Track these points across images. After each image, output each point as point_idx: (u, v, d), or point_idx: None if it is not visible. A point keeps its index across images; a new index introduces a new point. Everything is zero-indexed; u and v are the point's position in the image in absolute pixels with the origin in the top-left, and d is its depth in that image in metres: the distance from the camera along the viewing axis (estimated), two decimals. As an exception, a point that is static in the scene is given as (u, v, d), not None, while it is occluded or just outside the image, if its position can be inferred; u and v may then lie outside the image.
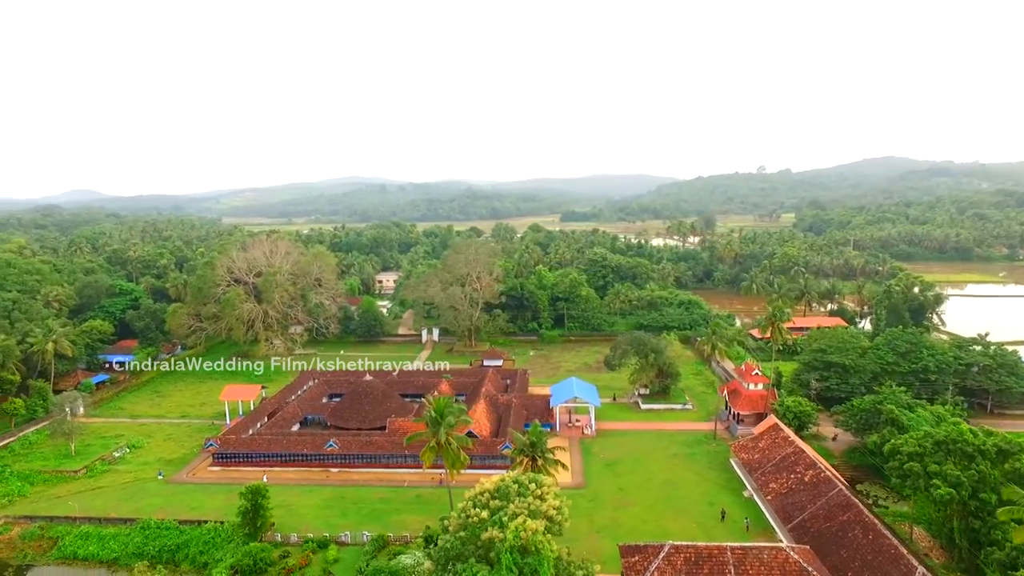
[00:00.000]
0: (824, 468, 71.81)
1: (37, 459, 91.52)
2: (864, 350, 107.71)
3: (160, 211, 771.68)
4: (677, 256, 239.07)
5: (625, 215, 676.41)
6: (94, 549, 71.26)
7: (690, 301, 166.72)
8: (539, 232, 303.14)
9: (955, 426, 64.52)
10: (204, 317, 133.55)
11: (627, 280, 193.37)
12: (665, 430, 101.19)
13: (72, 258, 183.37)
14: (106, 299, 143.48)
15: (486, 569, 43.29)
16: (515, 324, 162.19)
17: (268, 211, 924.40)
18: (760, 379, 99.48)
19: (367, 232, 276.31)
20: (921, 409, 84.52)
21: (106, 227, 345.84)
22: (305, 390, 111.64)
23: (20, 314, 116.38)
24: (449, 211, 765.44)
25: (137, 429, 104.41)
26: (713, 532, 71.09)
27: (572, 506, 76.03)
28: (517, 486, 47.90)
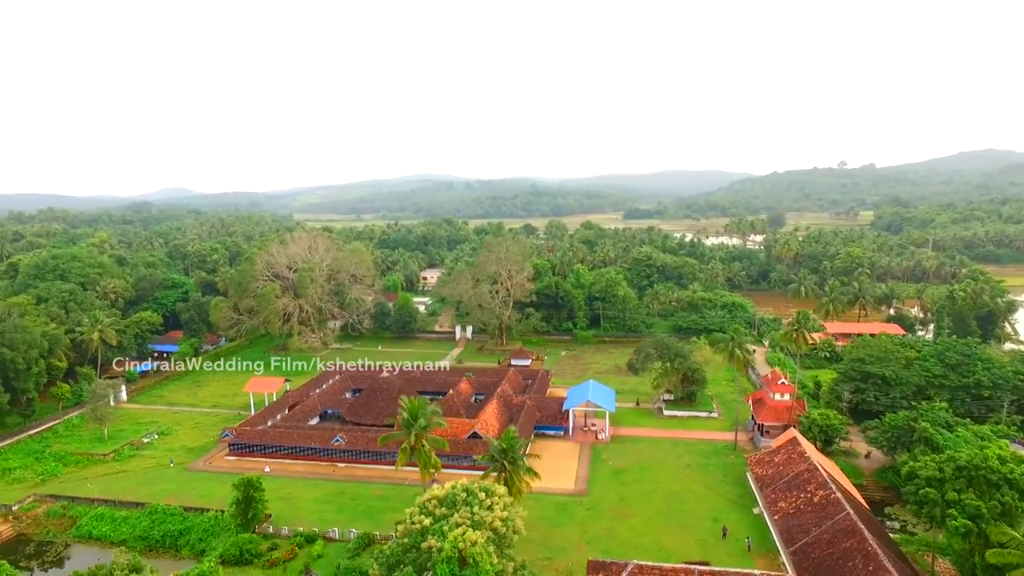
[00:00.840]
0: (836, 489, 66.33)
1: (74, 441, 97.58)
2: (910, 361, 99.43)
3: (238, 207, 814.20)
4: (731, 256, 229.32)
5: (691, 212, 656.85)
6: (107, 530, 75.04)
7: (734, 303, 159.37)
8: (590, 229, 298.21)
9: (981, 450, 58.03)
10: (244, 310, 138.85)
11: (672, 280, 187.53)
12: (684, 438, 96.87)
13: (138, 252, 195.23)
14: (159, 292, 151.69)
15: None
16: (550, 323, 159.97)
17: (339, 208, 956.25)
18: (786, 388, 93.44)
19: (418, 229, 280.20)
20: (962, 429, 77.00)
21: (183, 223, 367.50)
22: (329, 385, 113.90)
23: (75, 305, 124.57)
24: (512, 208, 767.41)
25: (170, 416, 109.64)
26: (711, 550, 67.24)
27: (568, 514, 75.81)
28: (466, 495, 46.45)
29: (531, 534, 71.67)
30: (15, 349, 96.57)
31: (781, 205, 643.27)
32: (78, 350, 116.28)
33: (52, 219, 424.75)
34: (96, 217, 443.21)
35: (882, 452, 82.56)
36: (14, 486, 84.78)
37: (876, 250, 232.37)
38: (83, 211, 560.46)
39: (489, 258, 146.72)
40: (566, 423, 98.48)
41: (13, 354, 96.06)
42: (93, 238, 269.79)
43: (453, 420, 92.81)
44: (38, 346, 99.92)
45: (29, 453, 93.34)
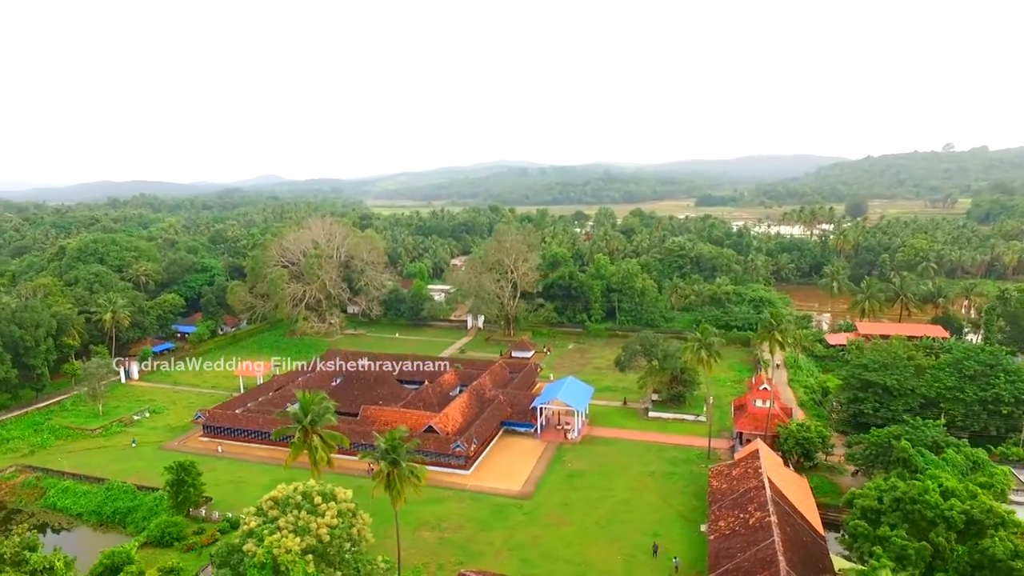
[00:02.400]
0: (775, 511, 59.61)
1: (72, 416, 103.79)
2: (921, 369, 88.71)
3: (319, 193, 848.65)
4: (781, 247, 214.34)
5: (768, 199, 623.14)
6: (69, 503, 79.04)
7: (761, 299, 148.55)
8: (637, 217, 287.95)
9: (921, 481, 50.14)
10: (258, 295, 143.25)
11: (706, 272, 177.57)
12: (661, 443, 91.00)
13: (180, 236, 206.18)
14: (188, 275, 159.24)
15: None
16: (563, 315, 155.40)
17: (414, 194, 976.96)
18: (767, 395, 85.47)
19: (460, 215, 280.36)
20: (952, 451, 67.44)
21: (250, 209, 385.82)
22: (317, 371, 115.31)
23: (100, 286, 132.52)
24: (581, 195, 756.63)
25: (169, 395, 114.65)
26: (636, 568, 62.54)
27: (502, 517, 72.65)
28: (300, 498, 44.60)
29: (456, 536, 69.59)
30: (24, 328, 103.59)
31: (869, 191, 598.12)
32: (95, 329, 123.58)
33: (143, 204, 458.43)
34: (180, 203, 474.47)
35: (860, 471, 73.96)
36: (6, 455, 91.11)
37: (950, 242, 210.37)
38: (175, 196, 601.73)
39: (492, 247, 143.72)
40: (539, 419, 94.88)
41: (22, 332, 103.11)
42: (163, 223, 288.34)
43: (413, 413, 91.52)
44: (46, 325, 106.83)
45: (31, 425, 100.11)
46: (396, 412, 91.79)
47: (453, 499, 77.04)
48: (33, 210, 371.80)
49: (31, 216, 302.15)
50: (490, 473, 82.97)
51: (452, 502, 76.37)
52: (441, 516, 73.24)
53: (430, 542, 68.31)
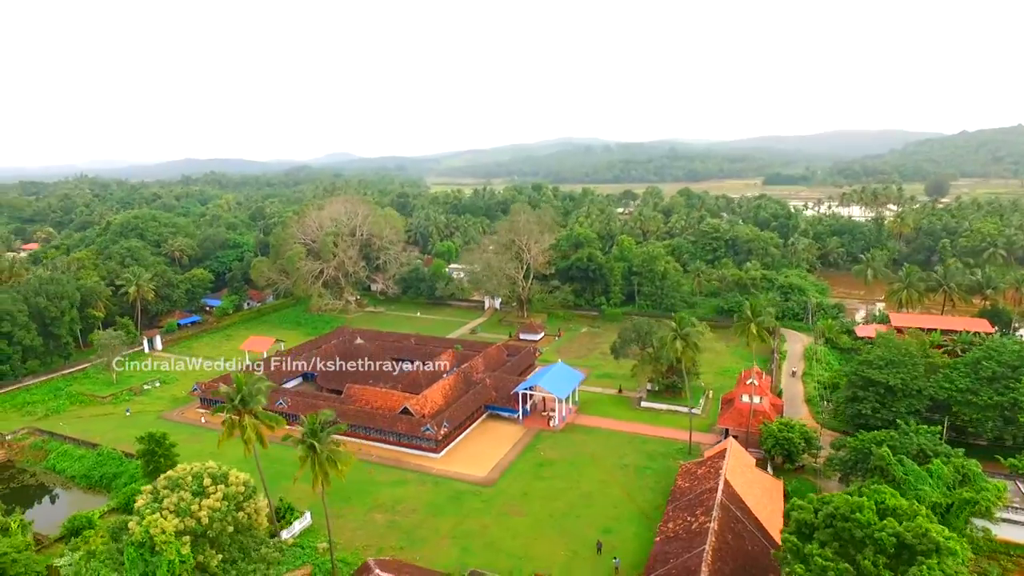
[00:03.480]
0: (717, 517, 55.78)
1: (89, 383, 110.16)
2: (933, 368, 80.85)
3: (385, 170, 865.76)
4: (831, 229, 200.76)
5: (842, 178, 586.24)
6: (65, 465, 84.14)
7: (791, 285, 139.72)
8: (684, 196, 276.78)
9: (855, 497, 45.31)
10: (279, 271, 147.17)
11: (742, 255, 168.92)
12: (645, 434, 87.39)
13: (224, 214, 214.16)
14: (220, 251, 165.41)
15: (112, 562, 42.03)
16: (581, 297, 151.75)
17: (476, 171, 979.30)
18: (753, 390, 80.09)
19: (501, 193, 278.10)
20: (939, 461, 61.03)
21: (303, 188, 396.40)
22: (320, 348, 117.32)
23: (132, 260, 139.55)
24: (643, 173, 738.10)
25: (185, 367, 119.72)
26: (576, 565, 60.37)
27: (457, 504, 71.75)
28: (191, 479, 44.94)
29: (406, 520, 69.25)
30: (49, 299, 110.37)
31: (958, 170, 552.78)
32: (123, 301, 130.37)
33: (212, 182, 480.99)
34: (246, 181, 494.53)
35: (837, 478, 68.35)
36: (24, 417, 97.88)
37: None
38: (246, 174, 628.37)
39: (504, 228, 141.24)
40: (524, 404, 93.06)
41: (48, 303, 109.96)
42: (220, 200, 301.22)
43: (392, 393, 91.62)
44: (70, 297, 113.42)
45: (52, 390, 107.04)
46: (377, 392, 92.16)
47: (415, 482, 76.75)
48: (115, 187, 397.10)
49: (102, 193, 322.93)
50: (460, 458, 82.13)
51: (414, 485, 76.08)
52: (399, 499, 73.07)
53: (379, 524, 68.24)
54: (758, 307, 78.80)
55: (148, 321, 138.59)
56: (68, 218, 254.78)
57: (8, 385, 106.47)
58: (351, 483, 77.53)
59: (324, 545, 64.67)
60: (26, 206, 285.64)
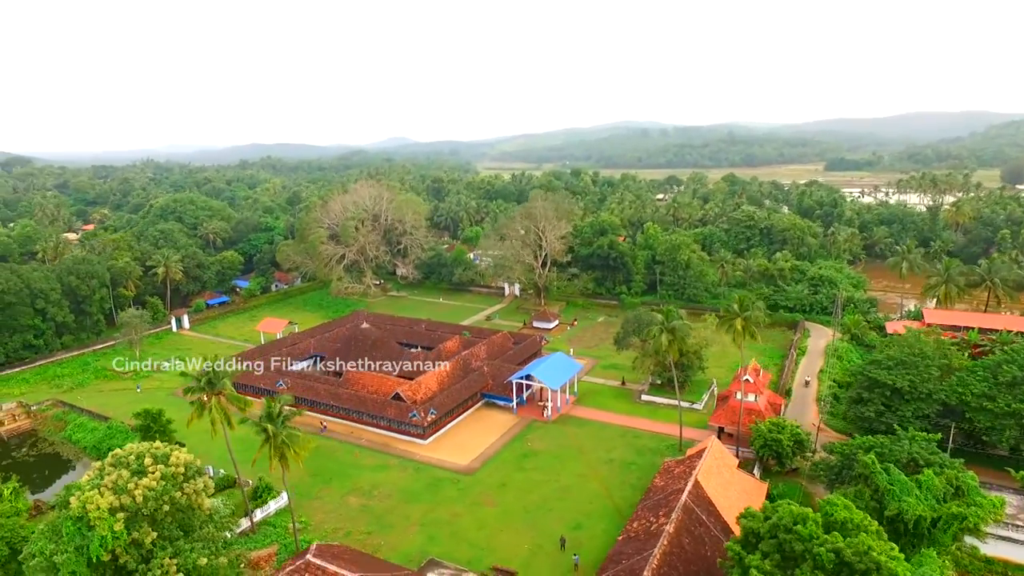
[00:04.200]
0: (676, 519, 53.56)
1: (113, 359, 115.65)
2: (948, 370, 75.19)
3: (438, 155, 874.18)
4: (879, 218, 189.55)
5: (914, 163, 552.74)
6: (79, 436, 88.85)
7: (822, 277, 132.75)
8: (728, 182, 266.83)
9: (799, 508, 42.43)
10: (304, 254, 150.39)
11: (776, 245, 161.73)
12: (638, 429, 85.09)
13: (262, 197, 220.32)
14: (253, 234, 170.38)
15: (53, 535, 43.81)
16: (602, 286, 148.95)
17: (528, 156, 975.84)
18: (750, 387, 76.48)
19: (539, 179, 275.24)
20: (931, 472, 56.63)
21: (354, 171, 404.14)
22: (332, 331, 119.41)
23: (165, 242, 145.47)
24: (698, 157, 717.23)
25: (207, 346, 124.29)
26: (535, 560, 59.43)
27: (433, 491, 71.87)
28: (133, 457, 46.20)
29: (379, 505, 69.75)
30: (81, 278, 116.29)
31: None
32: (157, 281, 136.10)
33: (267, 166, 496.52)
34: (300, 165, 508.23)
35: (823, 485, 64.54)
36: (52, 389, 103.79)
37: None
38: (302, 158, 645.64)
39: (520, 214, 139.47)
40: (521, 394, 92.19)
41: (79, 282, 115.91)
42: (268, 184, 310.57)
43: (387, 378, 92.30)
44: (100, 276, 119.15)
45: (81, 365, 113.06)
46: (373, 376, 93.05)
47: (397, 467, 77.20)
48: (176, 170, 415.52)
49: (159, 176, 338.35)
50: (447, 445, 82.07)
51: (395, 470, 76.56)
52: (377, 483, 73.66)
53: (353, 508, 69.00)
54: (746, 302, 74.76)
55: (180, 301, 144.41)
56: (125, 200, 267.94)
57: (43, 359, 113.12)
58: (336, 465, 79.24)
59: (296, 525, 66.09)
60: (90, 188, 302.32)
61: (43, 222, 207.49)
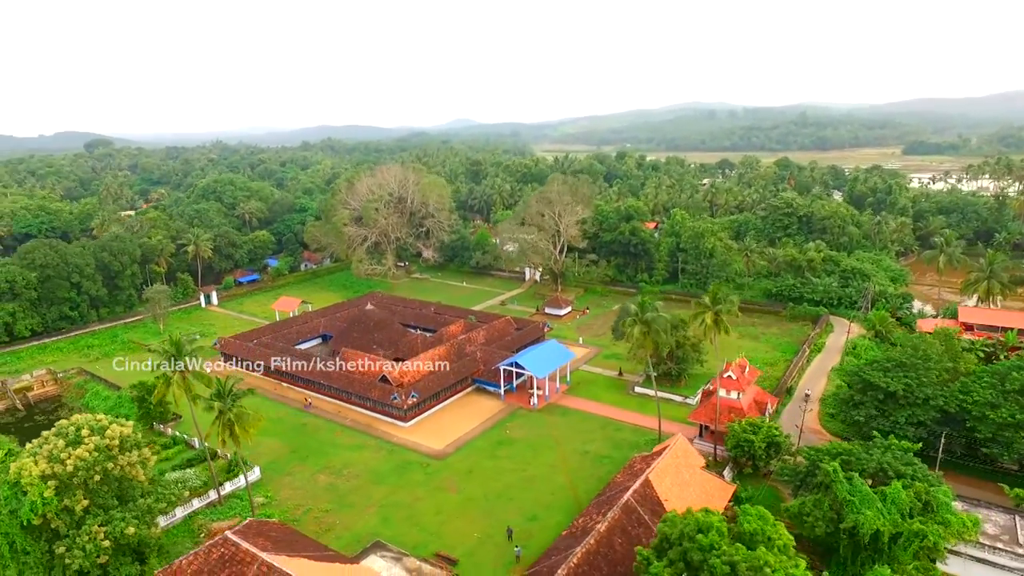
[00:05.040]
0: (613, 518, 51.88)
1: (141, 332, 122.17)
2: (953, 375, 69.32)
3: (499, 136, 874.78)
4: (938, 207, 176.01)
5: (1005, 147, 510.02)
6: (95, 403, 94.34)
7: (854, 270, 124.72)
8: (782, 166, 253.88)
9: (703, 515, 40.19)
10: (330, 235, 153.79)
11: (816, 234, 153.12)
12: (623, 421, 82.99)
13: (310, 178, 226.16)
14: (287, 214, 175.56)
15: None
16: (623, 273, 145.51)
17: (590, 138, 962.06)
18: (731, 384, 72.86)
19: (581, 161, 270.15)
20: (899, 484, 52.54)
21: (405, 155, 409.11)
22: (344, 311, 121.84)
23: (200, 222, 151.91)
24: (764, 140, 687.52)
25: (230, 322, 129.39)
26: (482, 549, 59.01)
27: (400, 474, 72.81)
28: (75, 429, 48.55)
29: (345, 484, 70.96)
30: (113, 254, 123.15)
31: None
32: (184, 259, 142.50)
33: (326, 148, 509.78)
34: (356, 147, 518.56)
35: (788, 491, 60.91)
36: (81, 359, 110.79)
37: None
38: (361, 139, 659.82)
39: (535, 199, 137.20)
40: (511, 381, 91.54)
41: (111, 258, 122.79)
42: (320, 164, 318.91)
43: (377, 360, 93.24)
44: (131, 253, 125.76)
45: (111, 337, 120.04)
46: (365, 357, 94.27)
47: (373, 448, 78.27)
48: (241, 152, 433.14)
49: (214, 157, 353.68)
50: (427, 429, 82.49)
51: (370, 451, 77.64)
52: (349, 463, 74.93)
53: (320, 486, 70.49)
54: (719, 295, 70.82)
55: (213, 278, 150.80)
56: (186, 180, 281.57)
57: (77, 329, 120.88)
58: (315, 443, 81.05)
59: (262, 500, 68.24)
60: (155, 169, 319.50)
61: (107, 201, 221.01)
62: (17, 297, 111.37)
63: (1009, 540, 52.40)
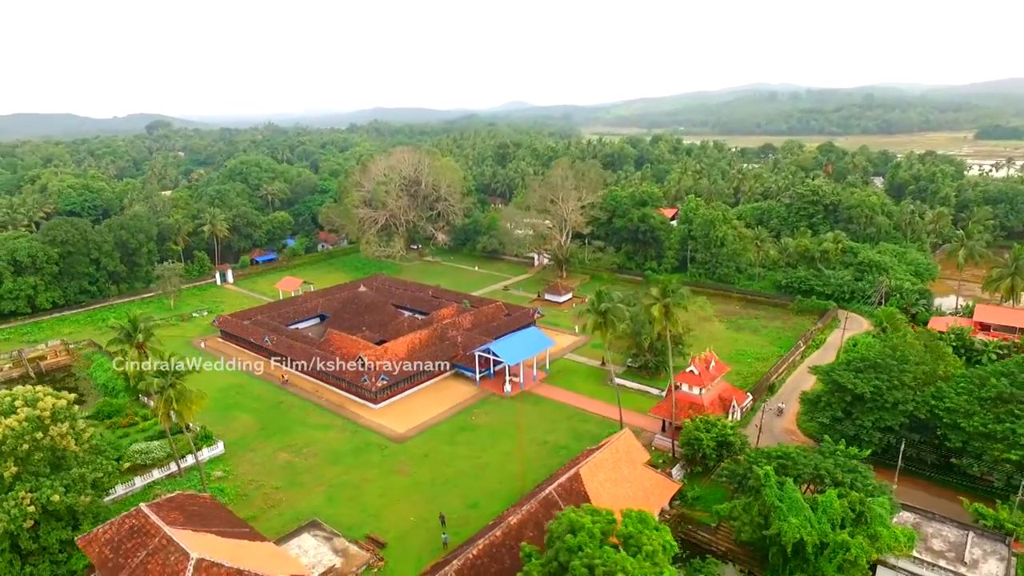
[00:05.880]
0: (525, 511, 51.06)
1: (154, 307, 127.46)
2: (931, 379, 64.83)
3: (549, 119, 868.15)
4: (984, 197, 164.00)
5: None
6: (98, 374, 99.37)
7: (871, 263, 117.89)
8: (825, 151, 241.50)
9: (576, 514, 38.88)
10: (342, 217, 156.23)
11: (842, 223, 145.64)
12: (591, 412, 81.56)
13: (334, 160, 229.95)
14: (308, 196, 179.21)
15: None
16: (633, 260, 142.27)
17: (641, 121, 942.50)
18: (692, 379, 70.22)
19: (615, 144, 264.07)
20: (838, 492, 49.72)
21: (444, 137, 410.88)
22: (343, 292, 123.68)
23: (220, 202, 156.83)
24: (825, 124, 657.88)
25: (240, 299, 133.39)
26: (414, 533, 59.35)
27: (356, 455, 73.82)
28: (10, 399, 51.03)
29: (302, 463, 72.45)
30: (131, 233, 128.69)
31: None
32: (201, 238, 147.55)
33: (372, 130, 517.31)
34: (400, 129, 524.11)
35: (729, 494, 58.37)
36: (94, 331, 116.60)
37: None
38: (406, 121, 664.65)
39: (537, 184, 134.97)
40: (489, 367, 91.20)
41: (128, 236, 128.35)
42: (359, 146, 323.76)
43: (358, 341, 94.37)
44: (147, 231, 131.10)
45: (126, 310, 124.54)
46: (348, 339, 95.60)
47: (338, 428, 79.52)
48: (289, 134, 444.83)
49: (258, 139, 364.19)
50: (395, 412, 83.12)
51: (334, 431, 78.92)
52: (311, 442, 76.39)
53: (277, 463, 72.20)
54: (669, 286, 67.77)
55: (232, 257, 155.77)
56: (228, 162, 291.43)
57: (96, 303, 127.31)
58: (285, 421, 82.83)
59: (220, 473, 70.49)
60: (203, 149, 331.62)
61: (151, 180, 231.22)
62: (39, 271, 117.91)
63: (954, 558, 48.82)
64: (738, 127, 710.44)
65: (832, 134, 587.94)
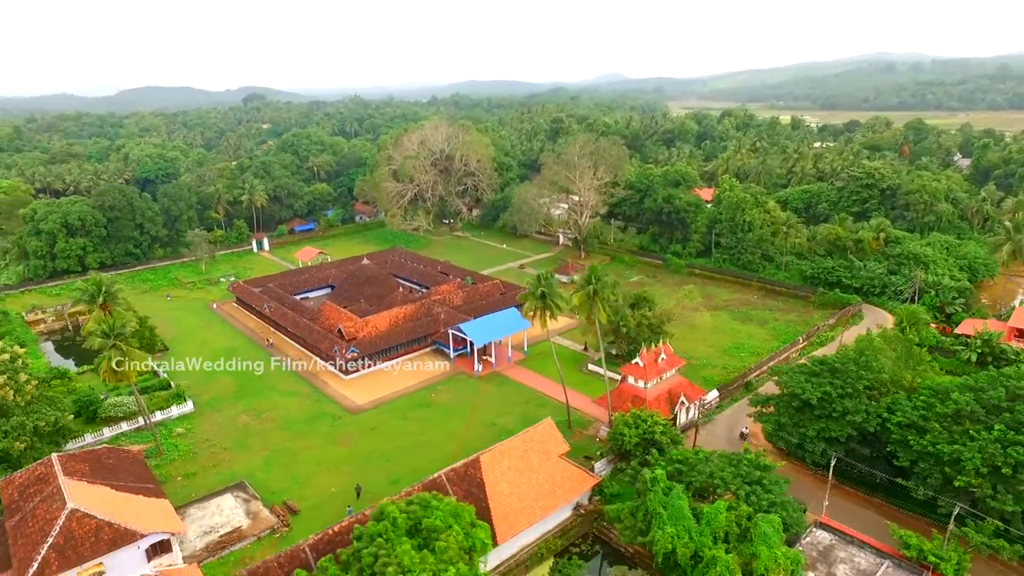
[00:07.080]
0: (405, 494, 50.71)
1: (189, 271, 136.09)
2: (889, 388, 58.22)
3: (641, 92, 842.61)
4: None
5: None
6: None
7: (909, 255, 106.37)
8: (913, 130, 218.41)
9: (390, 506, 38.02)
10: (373, 190, 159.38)
11: (899, 209, 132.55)
12: (553, 398, 79.50)
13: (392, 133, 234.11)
14: (353, 168, 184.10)
15: None
16: (657, 243, 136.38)
17: (740, 94, 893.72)
18: (636, 372, 66.61)
19: (673, 120, 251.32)
20: (722, 504, 46.11)
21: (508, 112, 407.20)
22: (356, 263, 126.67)
23: (264, 173, 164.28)
24: (944, 98, 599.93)
25: (268, 266, 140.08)
26: (329, 503, 60.96)
27: (308, 423, 76.50)
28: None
29: (258, 427, 75.49)
30: (172, 200, 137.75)
31: None
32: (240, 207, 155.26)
33: (452, 104, 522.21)
34: (479, 103, 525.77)
35: (634, 493, 55.09)
36: (132, 290, 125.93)
37: None
38: (492, 95, 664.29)
39: (550, 161, 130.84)
40: (466, 345, 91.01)
41: (170, 203, 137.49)
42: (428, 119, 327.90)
43: (343, 313, 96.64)
44: (187, 200, 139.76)
45: (164, 273, 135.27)
46: (335, 310, 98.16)
47: (303, 396, 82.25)
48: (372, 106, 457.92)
49: (330, 111, 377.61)
50: (362, 384, 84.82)
51: (298, 399, 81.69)
52: (274, 407, 79.48)
53: (236, 425, 75.75)
54: (596, 273, 63.63)
55: (274, 226, 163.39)
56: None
57: (140, 265, 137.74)
58: (260, 386, 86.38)
59: (181, 430, 74.99)
60: (282, 122, 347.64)
61: (227, 151, 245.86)
62: (89, 234, 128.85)
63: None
64: (843, 101, 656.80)
65: (951, 109, 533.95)
